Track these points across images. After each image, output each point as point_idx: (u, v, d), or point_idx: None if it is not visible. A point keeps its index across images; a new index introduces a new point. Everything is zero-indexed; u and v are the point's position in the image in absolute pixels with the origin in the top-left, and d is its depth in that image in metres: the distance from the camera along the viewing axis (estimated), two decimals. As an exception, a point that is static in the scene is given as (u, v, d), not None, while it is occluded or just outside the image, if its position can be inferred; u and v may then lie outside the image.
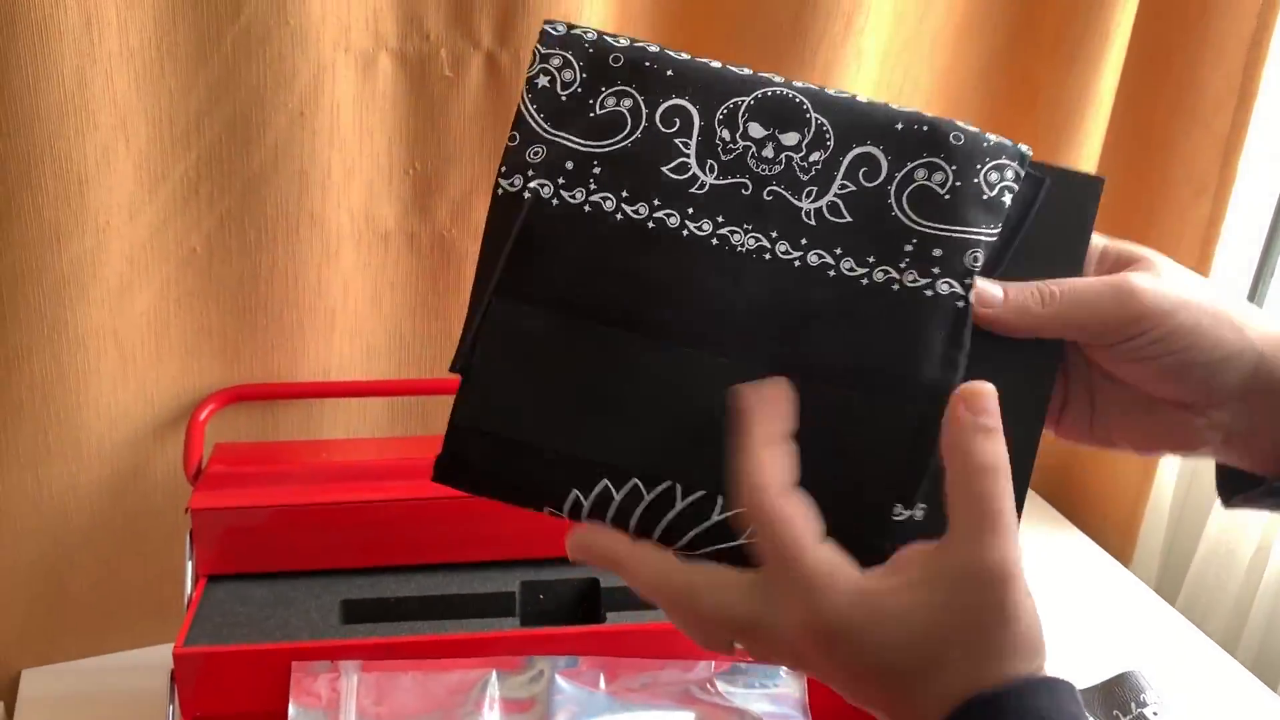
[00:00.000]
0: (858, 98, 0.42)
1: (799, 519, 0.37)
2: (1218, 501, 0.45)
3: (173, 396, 0.78)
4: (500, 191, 0.41)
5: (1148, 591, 0.98)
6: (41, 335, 0.70)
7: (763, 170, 0.41)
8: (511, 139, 0.41)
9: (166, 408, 0.78)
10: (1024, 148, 0.42)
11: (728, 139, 0.41)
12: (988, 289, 0.41)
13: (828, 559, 0.37)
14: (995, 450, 0.36)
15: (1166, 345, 0.40)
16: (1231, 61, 0.94)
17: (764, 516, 0.37)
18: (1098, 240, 0.43)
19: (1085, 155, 0.95)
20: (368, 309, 0.80)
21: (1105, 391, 0.43)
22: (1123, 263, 0.43)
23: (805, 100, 0.42)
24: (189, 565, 0.70)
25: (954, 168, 0.41)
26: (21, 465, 0.74)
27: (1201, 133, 0.96)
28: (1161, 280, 0.40)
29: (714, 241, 0.41)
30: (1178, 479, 1.12)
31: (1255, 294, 1.18)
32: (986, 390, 0.37)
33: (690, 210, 0.41)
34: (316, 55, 0.70)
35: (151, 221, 0.72)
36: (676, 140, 0.41)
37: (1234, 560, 1.06)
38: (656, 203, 0.41)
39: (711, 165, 0.41)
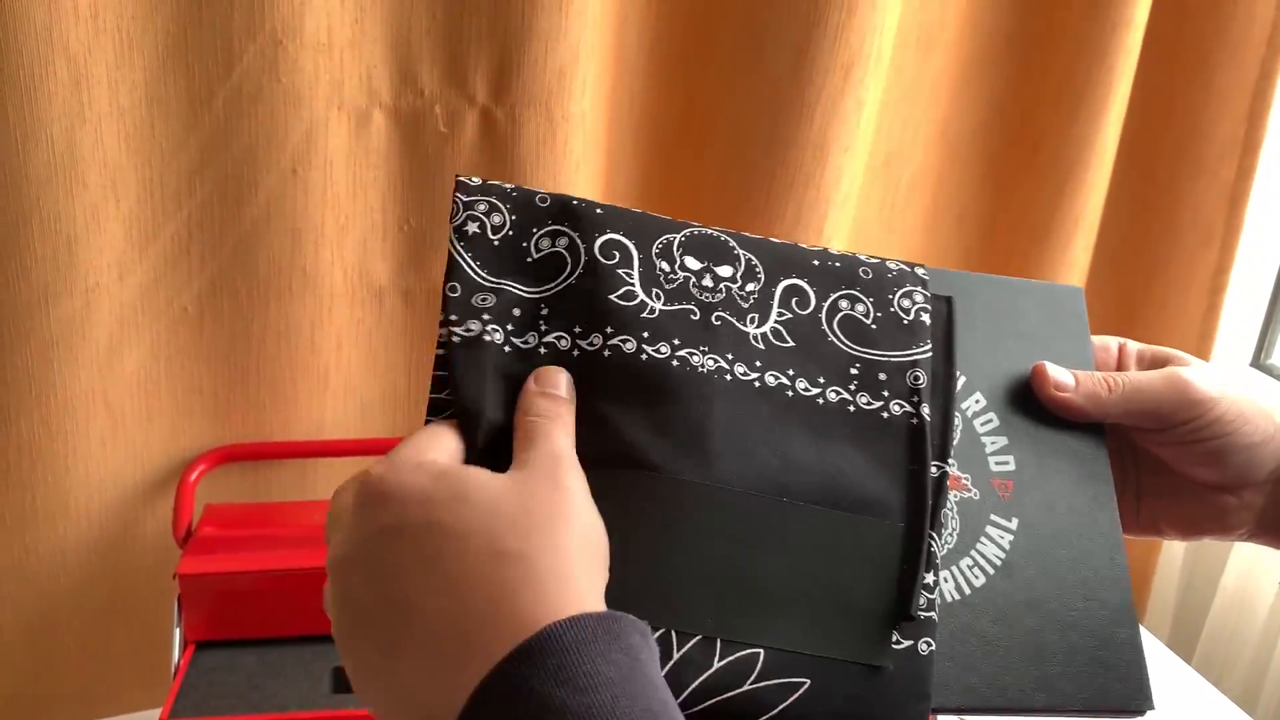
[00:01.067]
0: (770, 239, 0.44)
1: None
2: (1233, 549, 0.47)
3: (163, 457, 0.76)
4: (457, 339, 0.40)
5: (1161, 648, 0.96)
6: (29, 398, 0.69)
7: (706, 298, 0.42)
8: (452, 289, 0.41)
9: (156, 468, 0.76)
10: (921, 271, 0.45)
11: (668, 270, 0.42)
12: (1061, 375, 0.45)
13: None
14: (547, 405, 0.38)
15: (1213, 430, 0.44)
16: (1236, 109, 0.93)
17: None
18: (1131, 345, 0.48)
19: (1090, 204, 0.94)
20: (362, 366, 0.79)
21: (1149, 482, 0.47)
22: (1159, 360, 0.47)
23: (730, 239, 0.44)
24: (176, 632, 0.68)
25: (870, 299, 0.44)
26: (8, 529, 0.72)
27: (1208, 181, 0.96)
28: (1205, 373, 0.44)
29: (674, 363, 0.40)
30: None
31: (1264, 341, 1.17)
32: (557, 370, 0.40)
33: (645, 334, 0.40)
34: (309, 113, 0.70)
35: (142, 281, 0.71)
36: (619, 270, 0.41)
37: (1251, 613, 1.04)
38: (609, 330, 0.40)
39: (657, 293, 0.41)
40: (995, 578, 0.42)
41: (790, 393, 0.41)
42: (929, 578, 0.40)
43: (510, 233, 0.42)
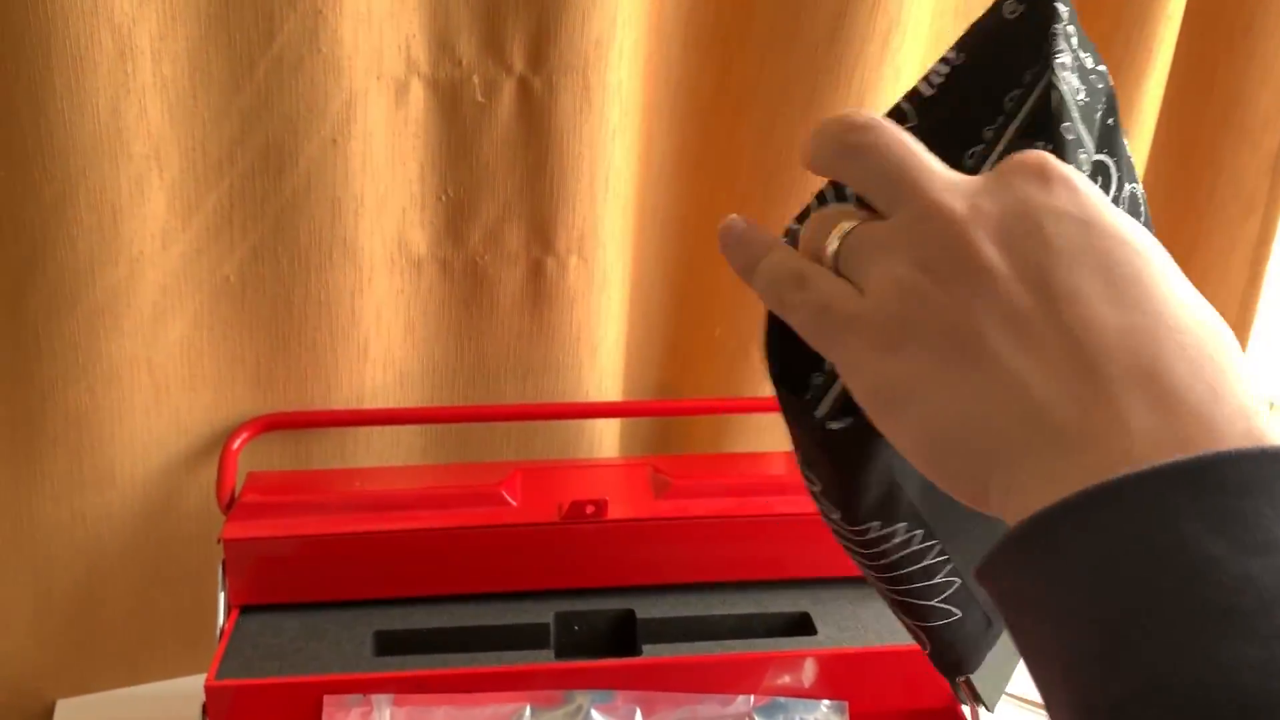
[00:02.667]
0: None
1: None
2: None
3: (206, 425, 0.77)
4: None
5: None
6: (76, 366, 0.70)
7: None
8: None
9: (200, 437, 0.77)
10: None
11: None
12: None
13: None
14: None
15: None
16: (1279, 78, 0.92)
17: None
18: None
19: (1129, 174, 0.93)
20: (401, 336, 0.80)
21: None
22: None
23: None
24: (221, 596, 0.69)
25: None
26: (56, 496, 0.74)
27: (1250, 150, 0.94)
28: None
29: None
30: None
31: (1307, 314, 1.15)
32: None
33: None
34: (349, 82, 0.70)
35: (185, 251, 0.72)
36: None
37: None
38: None
39: None
40: None
41: None
42: None
43: None
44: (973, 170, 0.35)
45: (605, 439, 0.88)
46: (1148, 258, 0.29)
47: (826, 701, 0.66)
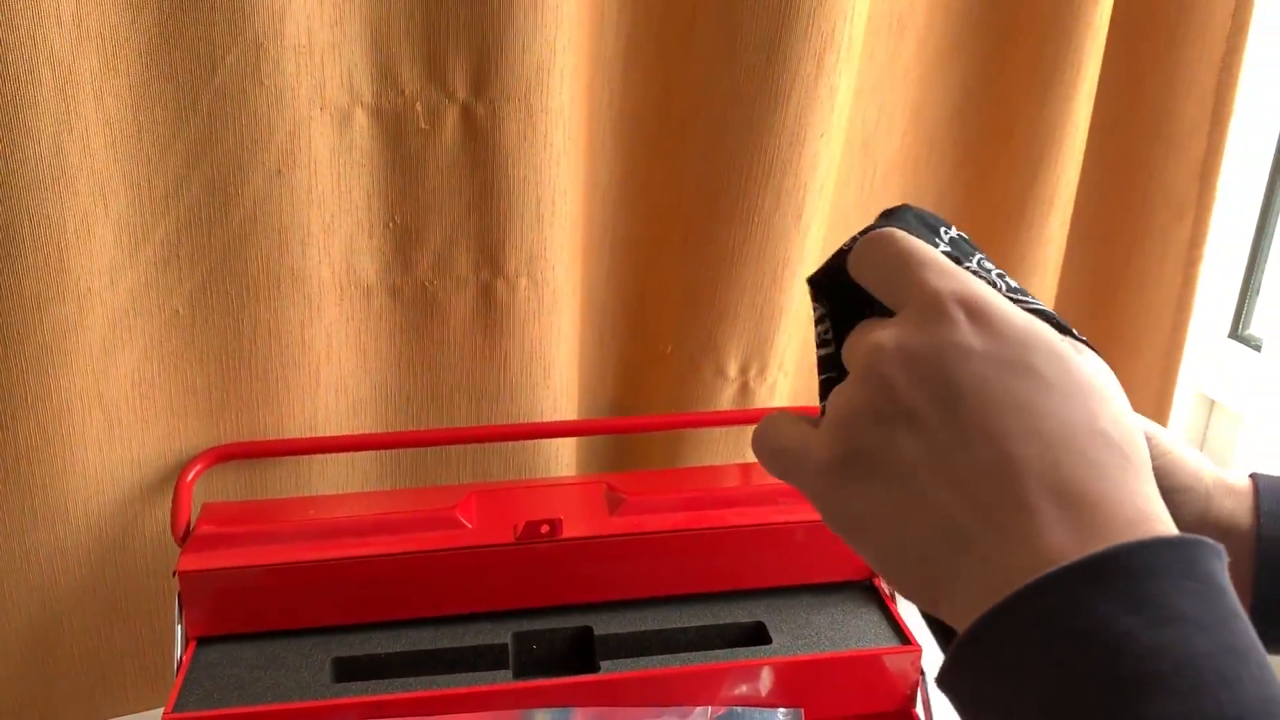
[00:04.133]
0: None
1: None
2: None
3: (159, 458, 0.77)
4: None
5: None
6: (25, 404, 0.70)
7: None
8: None
9: (153, 469, 0.77)
10: None
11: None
12: None
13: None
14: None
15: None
16: (1203, 85, 0.95)
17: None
18: None
19: (1064, 184, 0.96)
20: (353, 363, 0.80)
21: None
22: None
23: None
24: (178, 629, 0.69)
25: None
26: (8, 533, 0.73)
27: (1178, 157, 0.97)
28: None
29: None
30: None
31: (1240, 313, 1.19)
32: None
33: None
34: (292, 113, 0.71)
35: (133, 285, 0.72)
36: None
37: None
38: None
39: None
40: None
41: None
42: None
43: None
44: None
45: (561, 459, 0.89)
46: (1050, 382, 0.32)
47: (783, 709, 0.67)
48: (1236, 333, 1.19)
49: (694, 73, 0.82)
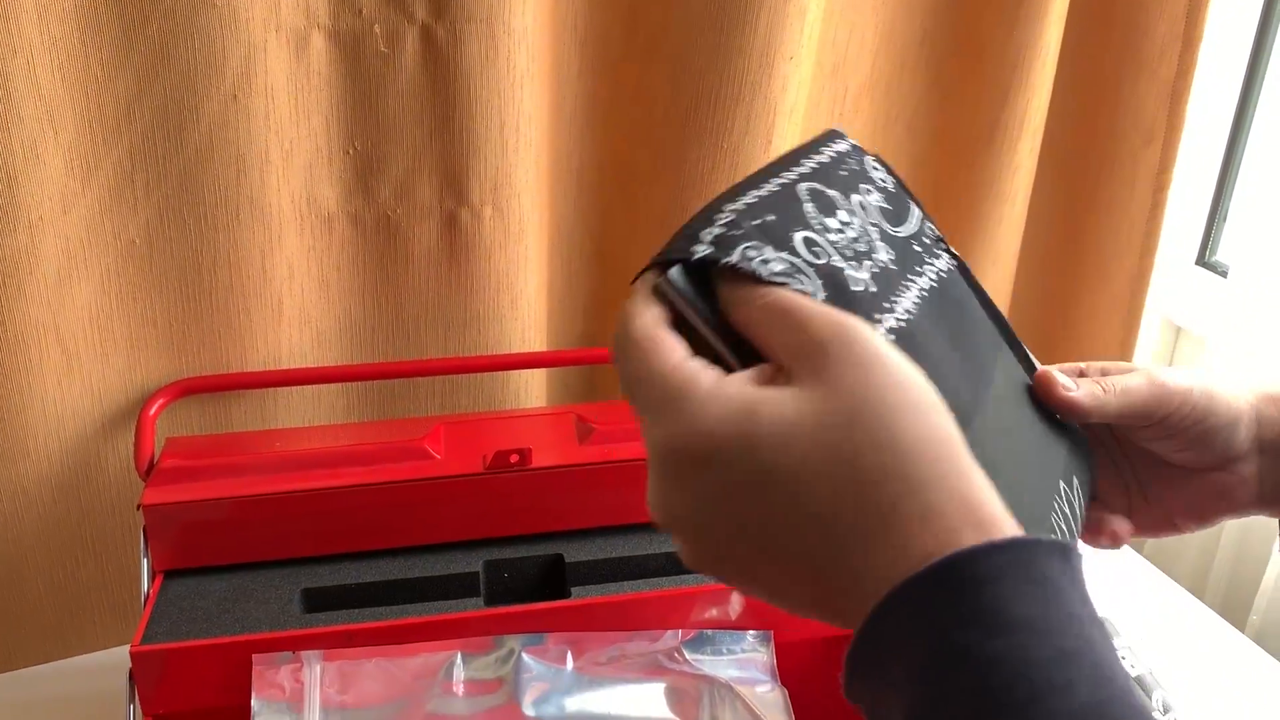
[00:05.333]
0: None
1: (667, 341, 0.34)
2: None
3: (120, 392, 0.76)
4: None
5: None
6: (-22, 336, 0.68)
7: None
8: None
9: (115, 403, 0.76)
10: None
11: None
12: (1065, 378, 0.48)
13: (699, 369, 0.33)
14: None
15: (1192, 416, 0.48)
16: (1175, 6, 0.94)
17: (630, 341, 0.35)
18: (1086, 365, 0.51)
19: (1034, 108, 0.95)
20: (315, 295, 0.79)
21: (1150, 482, 0.51)
22: (1110, 372, 0.50)
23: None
24: (144, 562, 0.68)
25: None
26: (-33, 470, 0.72)
27: (1148, 80, 0.97)
28: (1172, 371, 0.49)
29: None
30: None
31: (1207, 239, 1.19)
32: None
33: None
34: (247, 36, 0.69)
35: (87, 214, 0.70)
36: None
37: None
38: None
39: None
40: None
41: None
42: None
43: None
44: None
45: (531, 390, 0.88)
46: (805, 485, 0.31)
47: (752, 632, 0.67)
48: (1203, 259, 1.20)
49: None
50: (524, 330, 0.85)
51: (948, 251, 0.46)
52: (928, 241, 0.45)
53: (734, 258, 0.35)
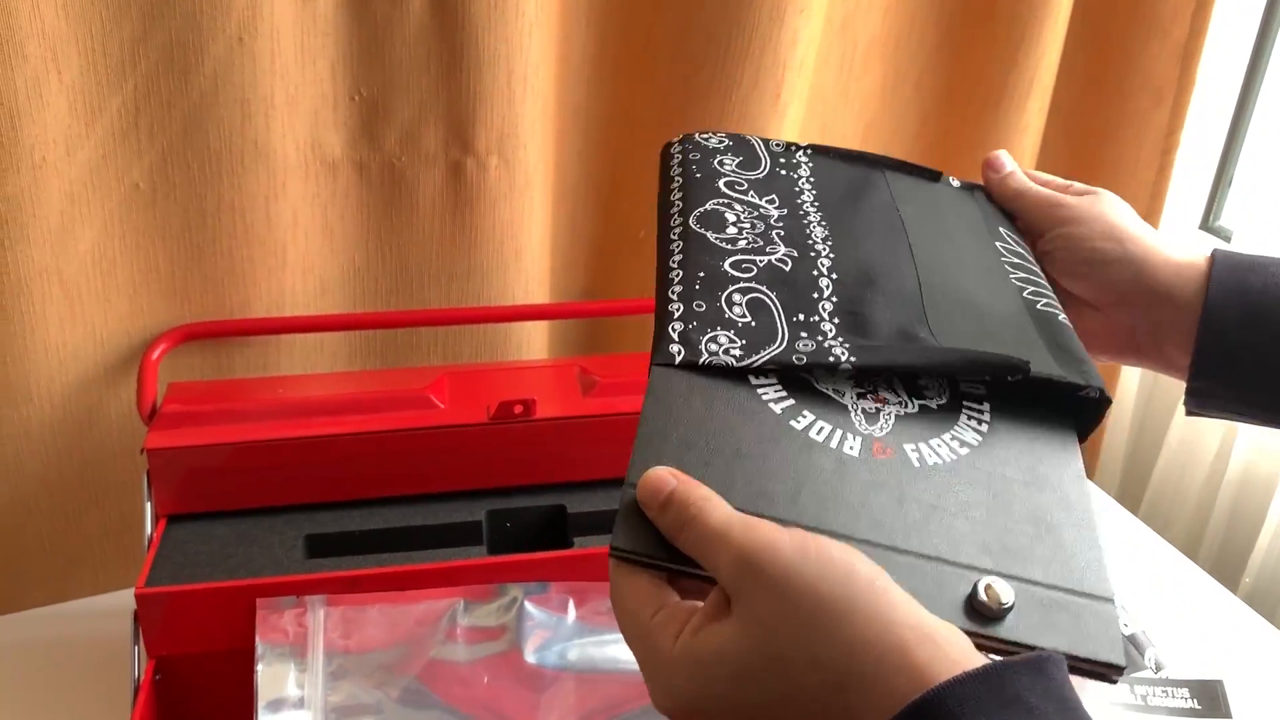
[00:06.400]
0: None
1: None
2: (1179, 409, 0.50)
3: (123, 337, 0.76)
4: None
5: (1110, 500, 0.99)
6: (-19, 278, 0.68)
7: None
8: None
9: (117, 348, 0.76)
10: None
11: None
12: (1011, 162, 0.57)
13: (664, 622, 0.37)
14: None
15: (1070, 242, 0.52)
16: (1188, -33, 0.93)
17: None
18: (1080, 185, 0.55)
19: (1044, 67, 0.94)
20: (319, 242, 0.79)
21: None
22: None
23: None
24: (148, 506, 0.69)
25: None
26: (-31, 412, 0.72)
27: (1160, 41, 0.96)
28: (1085, 199, 0.53)
29: None
30: (1139, 388, 1.13)
31: (1212, 202, 1.19)
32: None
33: None
34: (253, -22, 0.68)
35: (90, 157, 0.70)
36: None
37: (1195, 467, 1.08)
38: None
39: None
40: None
41: None
42: None
43: None
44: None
45: (533, 342, 0.88)
46: (777, 655, 0.34)
47: (754, 585, 0.68)
48: (1207, 224, 1.20)
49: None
50: (526, 282, 0.85)
51: (800, 150, 0.52)
52: (784, 161, 0.51)
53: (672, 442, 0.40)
